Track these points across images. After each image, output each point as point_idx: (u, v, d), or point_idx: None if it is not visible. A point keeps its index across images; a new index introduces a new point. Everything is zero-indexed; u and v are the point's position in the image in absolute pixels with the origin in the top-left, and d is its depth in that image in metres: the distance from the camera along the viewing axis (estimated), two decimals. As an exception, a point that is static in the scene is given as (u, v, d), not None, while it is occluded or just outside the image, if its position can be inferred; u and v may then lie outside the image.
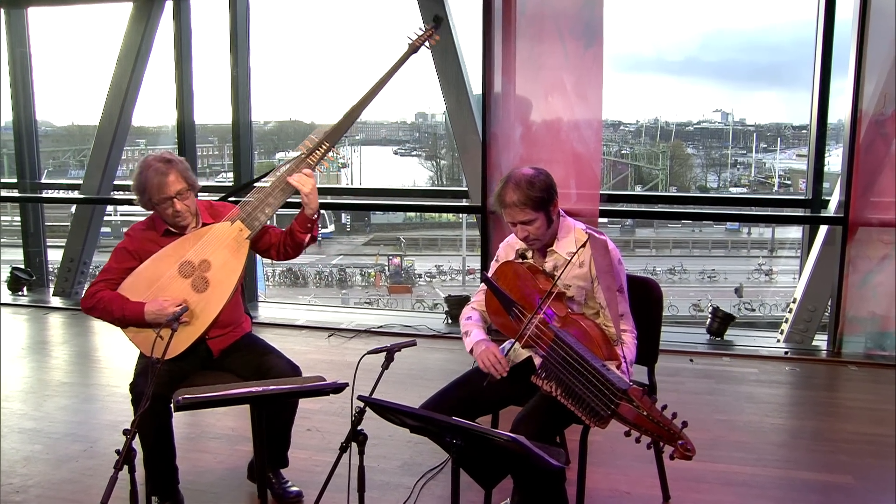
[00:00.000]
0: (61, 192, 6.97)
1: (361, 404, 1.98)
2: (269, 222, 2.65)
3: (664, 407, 1.81)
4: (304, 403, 2.66)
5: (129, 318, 2.47)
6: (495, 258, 2.56)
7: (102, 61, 5.86)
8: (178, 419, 3.32)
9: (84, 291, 2.62)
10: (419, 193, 6.81)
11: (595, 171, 4.53)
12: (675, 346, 4.59)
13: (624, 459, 3.00)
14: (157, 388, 2.29)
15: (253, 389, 2.03)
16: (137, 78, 5.77)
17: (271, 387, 2.07)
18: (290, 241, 2.64)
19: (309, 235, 2.64)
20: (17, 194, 6.34)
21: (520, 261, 2.42)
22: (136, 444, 2.03)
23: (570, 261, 2.28)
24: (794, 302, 4.86)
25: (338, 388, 2.13)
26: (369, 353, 2.14)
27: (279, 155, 33.45)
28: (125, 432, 1.85)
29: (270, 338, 4.86)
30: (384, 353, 2.17)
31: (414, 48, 2.82)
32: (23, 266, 6.22)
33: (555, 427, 2.29)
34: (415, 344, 2.25)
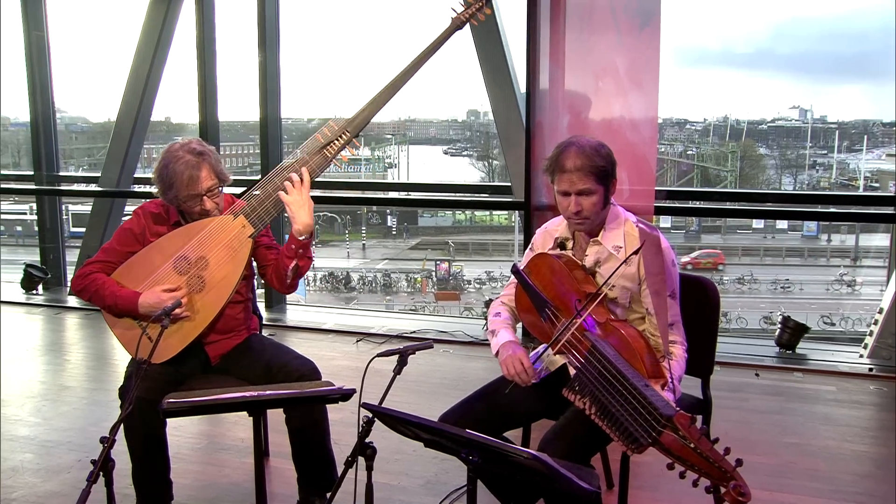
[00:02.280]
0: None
1: (370, 414, 1.85)
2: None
3: (716, 440, 1.60)
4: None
5: (121, 307, 2.35)
6: (530, 246, 2.39)
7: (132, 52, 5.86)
8: (184, 428, 3.28)
9: (78, 269, 2.47)
10: (457, 189, 6.57)
11: (650, 164, 4.29)
12: (737, 358, 4.32)
13: (675, 483, 2.71)
14: (148, 394, 2.19)
15: (247, 394, 1.90)
16: (158, 68, 5.76)
17: (268, 392, 1.94)
18: (280, 265, 2.43)
19: (294, 262, 2.38)
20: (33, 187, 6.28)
21: (557, 252, 2.24)
22: (118, 453, 1.92)
23: (615, 268, 2.08)
24: (880, 312, 4.51)
25: (344, 395, 2.01)
26: (379, 355, 2.01)
27: (323, 154, 33.89)
28: (102, 440, 1.74)
29: (296, 342, 4.85)
30: (397, 357, 2.05)
31: (459, 23, 2.58)
32: (38, 263, 6.19)
33: (590, 447, 2.10)
34: (431, 346, 2.11)
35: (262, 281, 2.61)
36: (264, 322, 5.11)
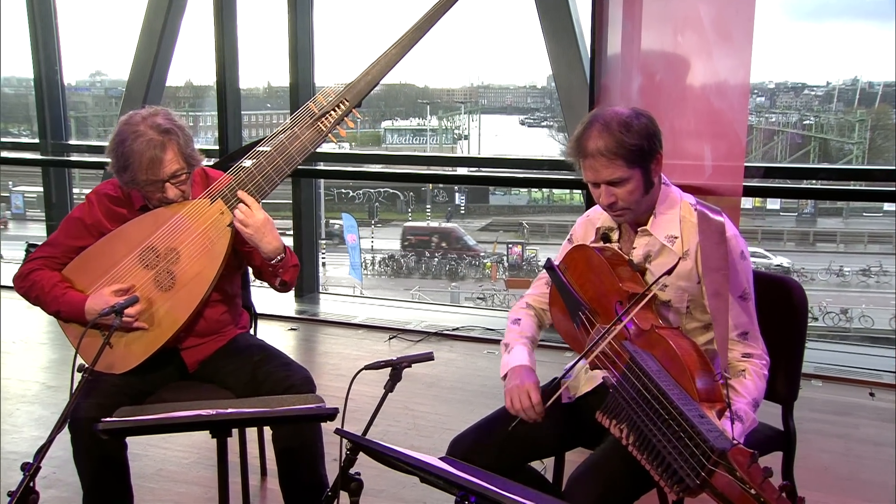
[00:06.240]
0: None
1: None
2: None
3: (785, 486, 1.36)
4: (326, 429, 2.29)
5: (65, 314, 2.25)
6: (568, 237, 2.20)
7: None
8: (174, 439, 3.12)
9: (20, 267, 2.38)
10: (528, 164, 6.26)
11: (739, 135, 3.94)
12: (848, 371, 3.99)
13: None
14: (99, 410, 2.06)
15: (202, 413, 1.76)
16: (174, 24, 5.66)
17: (229, 409, 1.80)
18: (263, 273, 2.39)
19: (278, 280, 2.35)
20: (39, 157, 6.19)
21: (599, 245, 2.05)
22: (57, 482, 1.80)
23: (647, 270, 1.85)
24: None
25: (328, 415, 1.86)
26: (366, 367, 1.86)
27: (385, 123, 34.00)
28: (24, 467, 1.62)
29: (320, 339, 4.76)
30: (390, 370, 1.89)
31: None
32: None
33: (630, 488, 1.88)
34: (431, 358, 1.93)
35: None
36: (293, 315, 5.10)
